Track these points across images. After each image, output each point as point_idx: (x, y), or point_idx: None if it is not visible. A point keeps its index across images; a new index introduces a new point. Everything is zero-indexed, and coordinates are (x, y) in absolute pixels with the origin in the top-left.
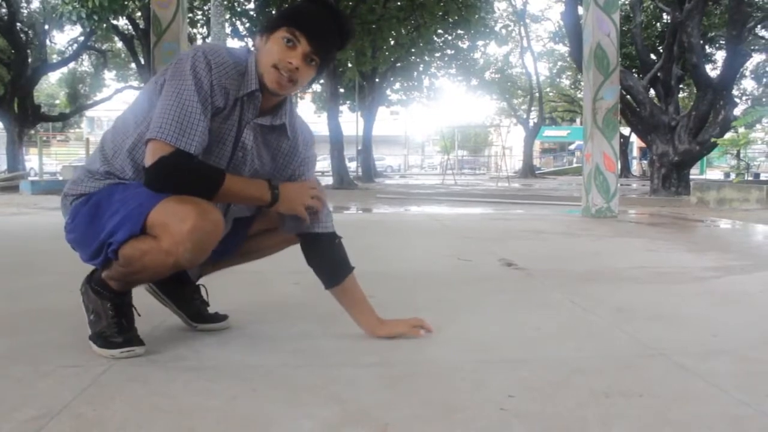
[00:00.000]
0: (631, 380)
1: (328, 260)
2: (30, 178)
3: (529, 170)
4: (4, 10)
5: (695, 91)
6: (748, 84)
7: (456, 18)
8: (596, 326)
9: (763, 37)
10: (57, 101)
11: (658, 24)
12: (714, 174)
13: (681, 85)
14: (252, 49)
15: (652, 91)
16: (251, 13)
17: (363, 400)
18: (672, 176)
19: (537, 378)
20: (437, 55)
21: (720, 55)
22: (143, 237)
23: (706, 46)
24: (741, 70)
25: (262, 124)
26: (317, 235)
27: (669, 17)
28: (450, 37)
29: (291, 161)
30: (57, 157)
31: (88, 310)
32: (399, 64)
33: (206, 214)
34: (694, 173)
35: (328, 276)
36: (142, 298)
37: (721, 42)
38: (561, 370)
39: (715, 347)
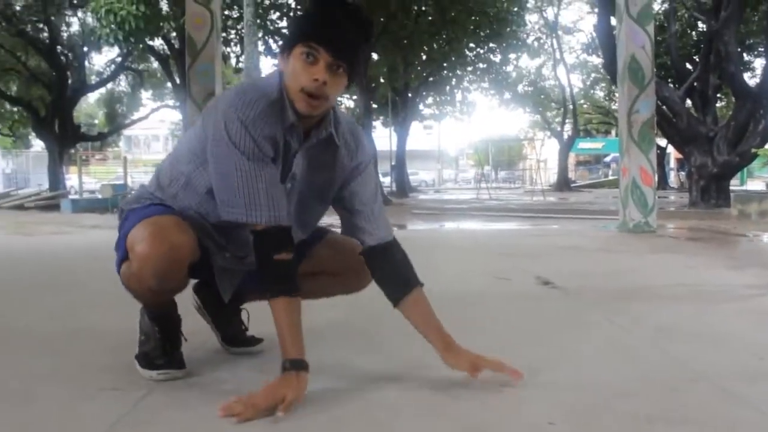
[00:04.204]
0: (675, 405)
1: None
2: (70, 197)
3: (564, 183)
4: (45, 34)
5: (734, 101)
6: None
7: (488, 31)
8: (636, 347)
9: None
10: (96, 121)
11: (694, 33)
12: (755, 185)
13: (719, 95)
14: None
15: (688, 102)
16: (283, 31)
17: (400, 425)
18: (711, 188)
19: (577, 402)
20: (469, 69)
21: (759, 63)
22: (128, 261)
23: (744, 54)
24: None
25: (310, 145)
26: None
27: (704, 26)
28: (482, 51)
29: (341, 174)
30: (96, 176)
31: (141, 331)
32: (431, 79)
33: (163, 236)
34: (734, 184)
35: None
36: (185, 319)
37: (759, 49)
38: (601, 394)
39: (762, 370)
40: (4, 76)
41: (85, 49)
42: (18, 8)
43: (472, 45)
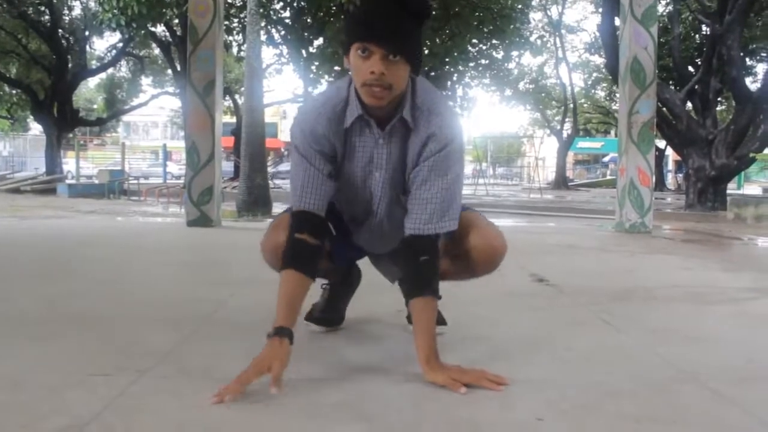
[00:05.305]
0: (664, 406)
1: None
2: (67, 181)
3: (561, 182)
4: (47, 17)
5: (734, 105)
6: None
7: (491, 28)
8: (628, 347)
9: None
10: (95, 106)
11: (697, 36)
12: (752, 189)
13: (719, 98)
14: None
15: (689, 104)
16: (286, 21)
17: (388, 418)
18: (708, 191)
19: (567, 400)
20: (471, 64)
21: (761, 68)
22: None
23: (747, 59)
24: None
25: (387, 132)
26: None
27: (708, 29)
28: (484, 47)
29: (412, 157)
30: (93, 161)
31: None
32: (433, 74)
33: (271, 232)
34: (731, 188)
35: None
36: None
37: (762, 54)
38: (592, 393)
39: (751, 372)
40: (4, 59)
41: (87, 33)
42: None
43: (474, 41)
